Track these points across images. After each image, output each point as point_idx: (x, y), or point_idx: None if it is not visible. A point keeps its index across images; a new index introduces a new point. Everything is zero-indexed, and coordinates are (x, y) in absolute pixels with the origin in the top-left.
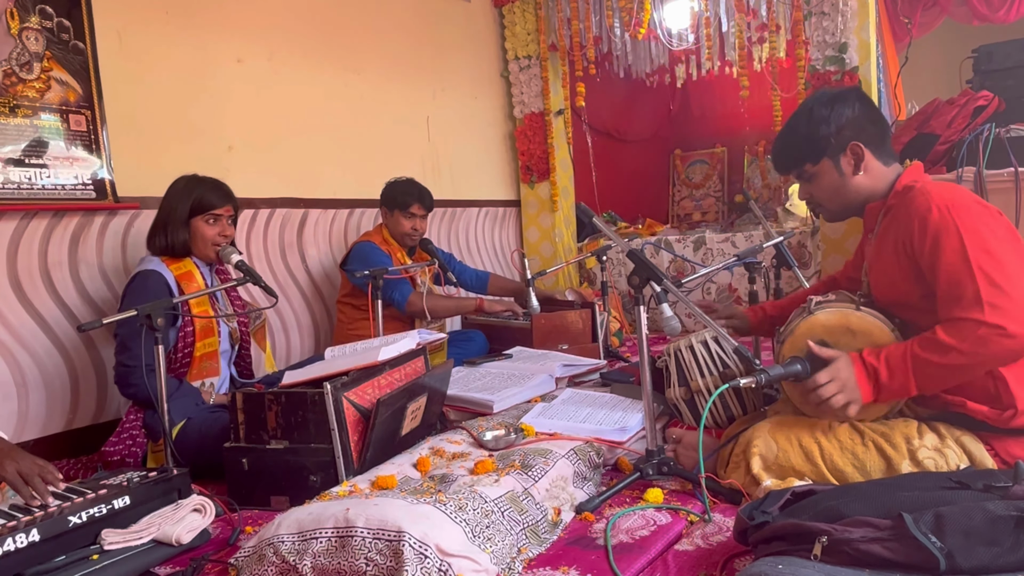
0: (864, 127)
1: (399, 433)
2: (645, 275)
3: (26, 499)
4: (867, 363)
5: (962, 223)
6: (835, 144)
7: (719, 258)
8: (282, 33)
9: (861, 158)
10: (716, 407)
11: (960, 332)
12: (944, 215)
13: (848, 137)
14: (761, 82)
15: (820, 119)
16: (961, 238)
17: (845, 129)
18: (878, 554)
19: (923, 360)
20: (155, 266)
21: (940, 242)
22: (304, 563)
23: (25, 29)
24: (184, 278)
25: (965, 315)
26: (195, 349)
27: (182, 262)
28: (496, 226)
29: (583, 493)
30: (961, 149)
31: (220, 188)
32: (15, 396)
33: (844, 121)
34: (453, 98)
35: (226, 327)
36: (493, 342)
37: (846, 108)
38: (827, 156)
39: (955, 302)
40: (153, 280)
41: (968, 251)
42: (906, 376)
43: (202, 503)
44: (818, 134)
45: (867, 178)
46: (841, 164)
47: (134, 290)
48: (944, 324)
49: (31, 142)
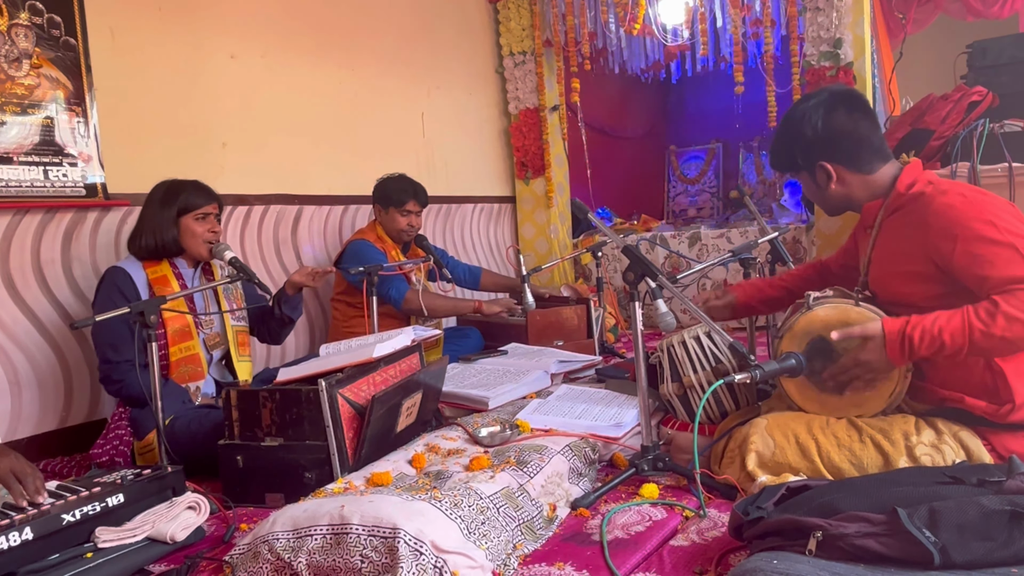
0: (831, 144)
1: (394, 430)
2: (640, 271)
3: (17, 497)
4: (912, 337)
5: (986, 211)
6: (803, 163)
7: (714, 254)
8: (276, 30)
9: (830, 176)
10: (709, 402)
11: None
12: (967, 206)
13: (815, 158)
14: (756, 78)
15: (792, 137)
16: (994, 224)
17: (811, 149)
18: (873, 549)
19: (982, 332)
20: (125, 264)
21: (977, 231)
22: (299, 560)
23: (14, 25)
24: (158, 281)
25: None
26: (170, 353)
27: (159, 265)
28: (491, 222)
29: (578, 489)
30: (955, 145)
31: (203, 187)
32: (8, 394)
33: (808, 141)
34: (448, 94)
35: (202, 334)
36: (488, 338)
37: (818, 120)
38: (803, 170)
39: (1009, 280)
40: (120, 277)
41: (1003, 234)
42: (962, 342)
43: (196, 500)
44: (791, 150)
45: (845, 188)
46: (816, 178)
47: (100, 287)
48: (1004, 295)
49: (21, 140)
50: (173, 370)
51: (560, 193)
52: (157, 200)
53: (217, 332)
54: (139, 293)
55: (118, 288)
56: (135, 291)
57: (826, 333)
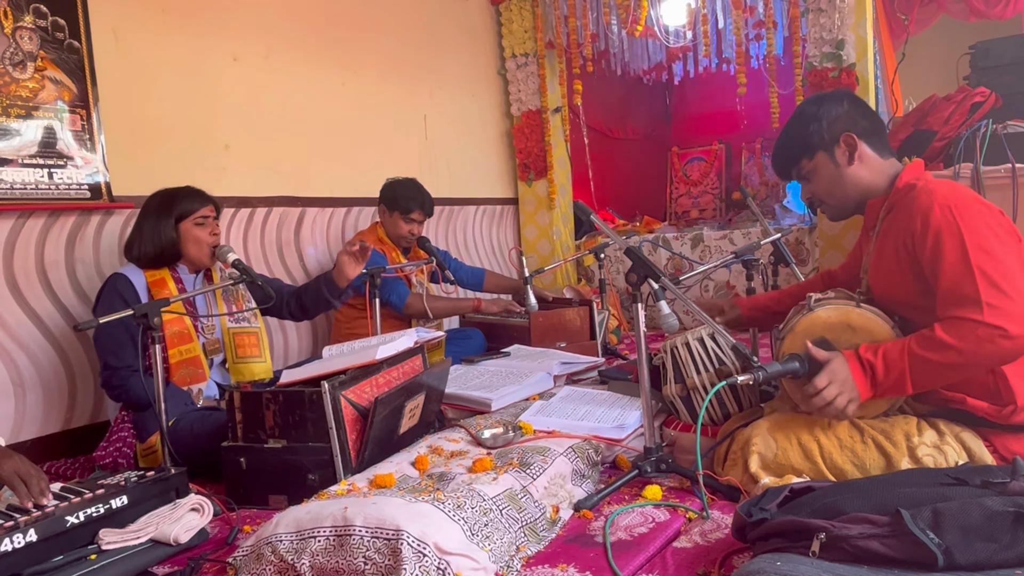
0: (855, 120)
1: (397, 432)
2: (643, 272)
3: (22, 499)
4: (864, 359)
5: (964, 223)
6: (827, 137)
7: (717, 255)
8: (279, 32)
9: (855, 148)
10: (712, 404)
11: (959, 331)
12: (946, 214)
13: (840, 129)
14: (758, 79)
15: (810, 116)
16: (962, 238)
17: (836, 122)
18: (876, 550)
19: (920, 358)
20: (126, 271)
21: (941, 241)
22: (302, 562)
23: (19, 28)
24: (158, 285)
25: (965, 315)
26: (170, 355)
27: (159, 271)
28: (494, 224)
29: (581, 491)
30: (958, 146)
31: (197, 192)
32: (12, 396)
33: (834, 115)
34: (450, 96)
35: (202, 339)
36: (491, 340)
37: (835, 104)
38: (821, 150)
39: (955, 302)
40: (122, 283)
41: (969, 251)
42: (902, 373)
43: (200, 502)
44: (809, 130)
45: (864, 168)
46: (836, 156)
47: (102, 294)
48: (943, 322)
49: (25, 142)
50: (174, 372)
51: (562, 195)
52: (153, 209)
53: (217, 338)
54: (140, 299)
55: (119, 294)
56: (136, 297)
57: (827, 335)
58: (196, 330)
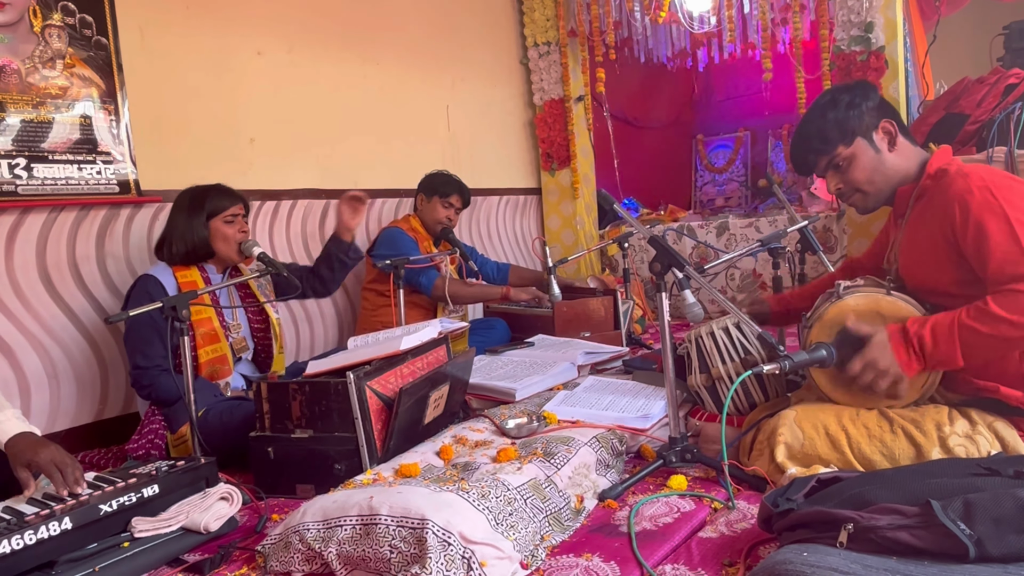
0: (888, 108)
1: (422, 422)
2: (667, 262)
3: (58, 487)
4: (910, 333)
5: (1005, 201)
6: (867, 122)
7: (742, 244)
8: (301, 25)
9: (894, 134)
10: (738, 394)
11: (1013, 304)
12: (986, 195)
13: (879, 116)
14: (785, 64)
15: (847, 103)
16: (1006, 215)
17: (875, 109)
18: (906, 541)
19: (971, 329)
20: (155, 271)
21: (984, 222)
22: (329, 550)
23: (48, 26)
24: (187, 286)
25: (1019, 287)
26: (199, 355)
27: (188, 270)
28: (517, 214)
29: (606, 480)
30: (992, 129)
31: (227, 190)
32: (47, 387)
33: (872, 102)
34: (472, 86)
35: (230, 338)
36: (515, 330)
37: (870, 91)
38: (860, 135)
39: (1007, 277)
40: (151, 284)
41: (1015, 227)
42: (952, 345)
43: (229, 491)
44: (849, 115)
45: (900, 156)
46: (875, 141)
47: (132, 294)
48: (996, 295)
49: (55, 139)
50: (203, 369)
51: (586, 184)
52: (185, 207)
53: (243, 337)
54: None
55: (149, 294)
56: (165, 296)
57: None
58: (224, 329)
